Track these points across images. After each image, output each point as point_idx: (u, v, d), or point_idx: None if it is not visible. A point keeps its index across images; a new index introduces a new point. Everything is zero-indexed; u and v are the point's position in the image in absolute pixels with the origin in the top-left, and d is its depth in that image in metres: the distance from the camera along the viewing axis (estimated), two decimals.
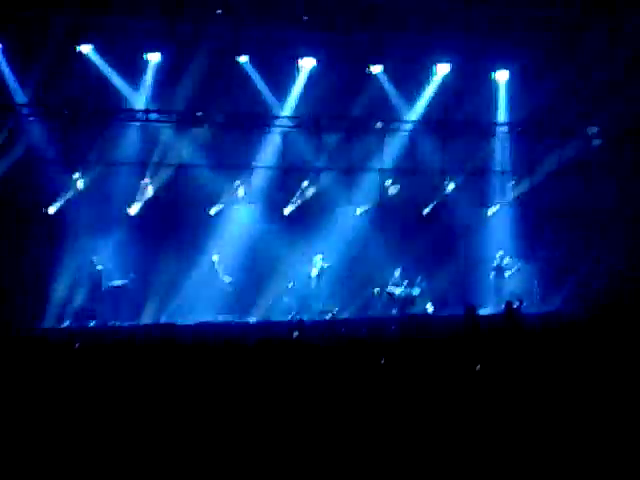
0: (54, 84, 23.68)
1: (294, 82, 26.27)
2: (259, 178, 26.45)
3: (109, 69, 24.56)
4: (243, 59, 25.65)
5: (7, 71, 23.71)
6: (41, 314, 23.26)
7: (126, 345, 16.96)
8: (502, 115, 28.26)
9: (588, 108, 27.39)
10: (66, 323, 23.47)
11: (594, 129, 28.04)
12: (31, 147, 24.14)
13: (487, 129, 28.31)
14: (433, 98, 27.18)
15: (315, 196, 26.68)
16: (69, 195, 24.48)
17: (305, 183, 26.68)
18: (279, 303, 25.56)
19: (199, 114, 25.53)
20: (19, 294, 22.82)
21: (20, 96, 24.08)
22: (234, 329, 20.83)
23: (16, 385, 12.61)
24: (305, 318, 22.08)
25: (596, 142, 28.13)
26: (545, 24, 25.87)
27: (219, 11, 24.59)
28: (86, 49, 24.38)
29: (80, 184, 24.52)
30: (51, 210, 24.34)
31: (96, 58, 24.48)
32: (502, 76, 27.83)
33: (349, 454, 8.66)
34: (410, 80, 26.76)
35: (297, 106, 26.42)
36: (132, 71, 24.75)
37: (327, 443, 8.97)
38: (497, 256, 27.21)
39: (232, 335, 18.75)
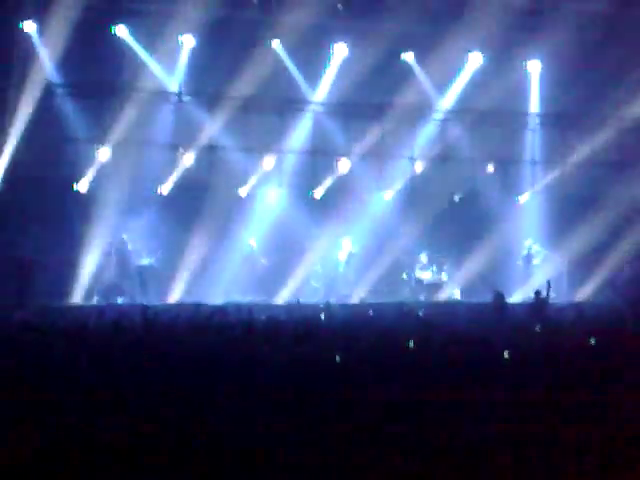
0: (89, 65, 23.78)
1: (326, 68, 26.33)
2: (290, 161, 26.56)
3: (144, 51, 24.70)
4: (276, 44, 25.72)
5: (43, 51, 23.83)
6: (71, 290, 23.48)
7: (153, 322, 17.19)
8: (534, 105, 28.23)
9: (620, 98, 27.32)
10: (95, 300, 23.69)
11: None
12: (65, 126, 24.34)
13: (518, 118, 28.29)
14: (465, 87, 27.17)
15: (345, 180, 26.77)
16: (100, 173, 24.66)
17: (336, 167, 26.75)
18: (307, 286, 25.67)
19: (231, 97, 25.60)
20: (49, 270, 22.99)
21: (55, 76, 24.24)
22: (262, 310, 20.95)
23: (46, 358, 12.83)
24: (332, 301, 22.21)
25: None
26: (578, 15, 25.81)
27: None
28: (121, 31, 24.52)
29: (110, 162, 24.68)
30: (82, 188, 24.53)
31: (131, 40, 24.62)
32: (534, 66, 27.78)
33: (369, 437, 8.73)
34: (442, 68, 26.70)
35: (329, 91, 26.51)
36: (166, 53, 24.85)
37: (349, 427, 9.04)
38: (526, 245, 27.24)
39: (260, 315, 18.92)
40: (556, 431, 8.64)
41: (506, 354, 13.21)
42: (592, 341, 14.56)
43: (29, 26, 23.60)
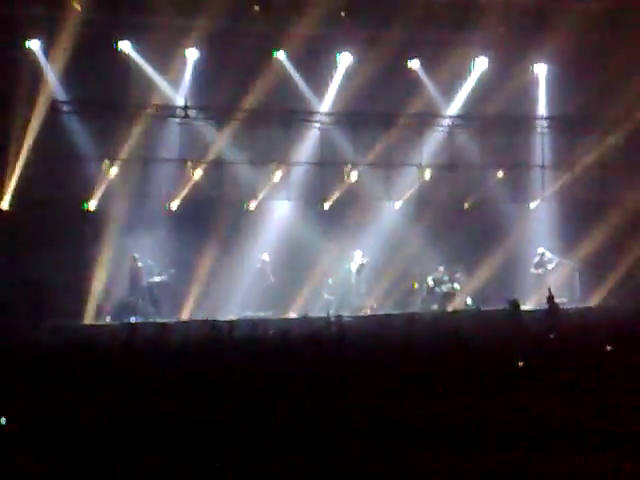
0: (94, 81, 23.75)
1: (331, 78, 26.27)
2: (297, 173, 26.48)
3: (148, 66, 24.68)
4: (281, 55, 25.66)
5: (48, 69, 23.83)
6: (82, 310, 23.41)
7: (166, 340, 17.17)
8: (542, 109, 28.11)
9: (628, 102, 27.19)
10: (107, 319, 23.61)
11: None
12: (72, 143, 24.30)
13: (527, 123, 28.17)
14: (472, 92, 27.07)
15: (353, 191, 26.67)
16: (109, 191, 24.61)
17: (344, 178, 26.67)
18: (318, 299, 25.57)
19: (237, 110, 25.56)
20: (62, 290, 22.95)
21: (61, 93, 24.23)
22: (273, 324, 20.88)
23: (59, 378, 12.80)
24: (344, 314, 22.10)
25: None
26: (585, 18, 25.70)
27: (257, 7, 24.68)
28: (125, 46, 24.51)
29: (119, 179, 24.64)
30: (91, 206, 24.50)
31: (135, 55, 24.61)
32: (541, 69, 27.66)
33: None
34: (448, 74, 26.62)
35: (334, 101, 26.45)
36: (171, 68, 24.82)
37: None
38: (538, 252, 27.08)
39: (271, 330, 18.87)
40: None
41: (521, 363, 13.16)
42: (608, 347, 14.46)
43: (34, 44, 23.61)
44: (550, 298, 19.84)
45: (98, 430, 9.33)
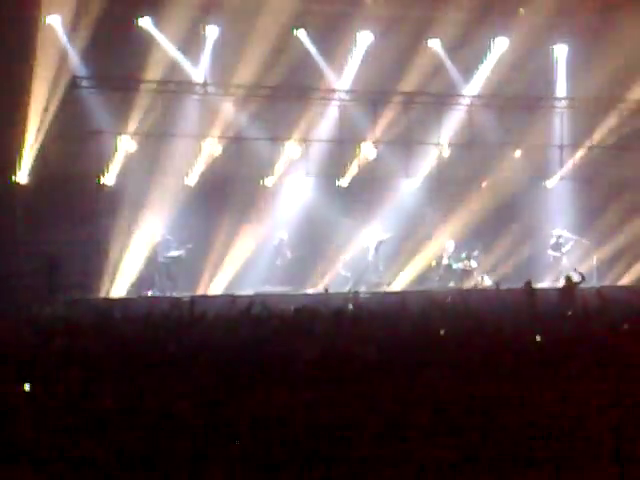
0: (113, 57, 23.79)
1: (351, 56, 26.22)
2: (316, 150, 26.48)
3: (168, 42, 24.67)
4: (301, 33, 25.63)
5: (67, 45, 23.86)
6: (99, 284, 23.51)
7: (183, 314, 17.21)
8: (561, 89, 28.01)
9: None
10: (123, 293, 23.70)
11: None
12: (90, 119, 24.34)
13: (545, 103, 28.09)
14: (491, 72, 26.98)
15: (372, 168, 26.65)
16: (126, 167, 24.67)
17: (362, 156, 26.66)
18: (336, 275, 25.60)
19: (256, 87, 25.55)
20: (78, 264, 23.05)
21: (80, 69, 24.28)
22: (291, 300, 20.92)
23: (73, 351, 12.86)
24: (361, 290, 22.12)
25: None
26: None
27: None
28: (145, 22, 24.51)
29: (137, 155, 24.70)
30: (109, 181, 24.56)
31: (155, 31, 24.61)
32: (561, 51, 27.56)
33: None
34: (468, 54, 26.54)
35: (354, 80, 26.41)
36: (191, 44, 24.82)
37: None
38: (554, 233, 27.03)
39: (289, 305, 18.88)
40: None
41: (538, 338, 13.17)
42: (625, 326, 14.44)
43: (54, 20, 23.63)
44: (569, 277, 19.84)
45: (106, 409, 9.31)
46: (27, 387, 9.69)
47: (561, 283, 21.22)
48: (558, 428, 8.40)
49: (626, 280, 26.75)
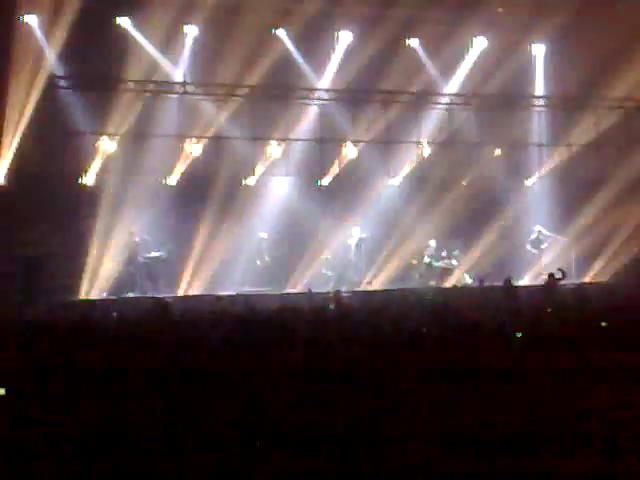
0: (92, 57, 23.70)
1: (331, 55, 26.24)
2: (296, 150, 26.47)
3: (147, 42, 24.59)
4: (281, 32, 25.62)
5: (45, 44, 23.72)
6: (79, 285, 23.40)
7: (164, 315, 17.14)
8: (539, 88, 28.16)
9: (625, 81, 27.24)
10: (103, 294, 23.60)
11: None
12: (69, 119, 24.22)
13: (525, 101, 28.23)
14: (470, 71, 27.11)
15: (352, 167, 26.69)
16: (106, 167, 24.56)
17: (342, 155, 26.68)
18: (317, 274, 25.60)
19: (236, 87, 25.52)
20: (57, 265, 22.93)
21: (58, 68, 24.16)
22: (272, 300, 20.91)
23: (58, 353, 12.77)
24: (343, 289, 22.13)
25: None
26: None
27: None
28: (124, 22, 24.42)
29: (116, 155, 24.60)
30: (88, 182, 24.45)
31: (134, 31, 24.52)
32: (539, 49, 27.71)
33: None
34: (447, 53, 26.63)
35: (334, 79, 26.47)
36: (170, 44, 24.75)
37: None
38: (535, 229, 27.17)
39: (270, 305, 18.86)
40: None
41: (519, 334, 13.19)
42: (603, 323, 14.48)
43: (31, 19, 23.49)
44: (551, 274, 19.92)
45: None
46: (1, 391, 9.52)
47: (542, 280, 21.32)
48: (537, 427, 8.40)
49: (604, 276, 26.90)
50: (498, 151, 27.87)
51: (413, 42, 26.68)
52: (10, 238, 23.07)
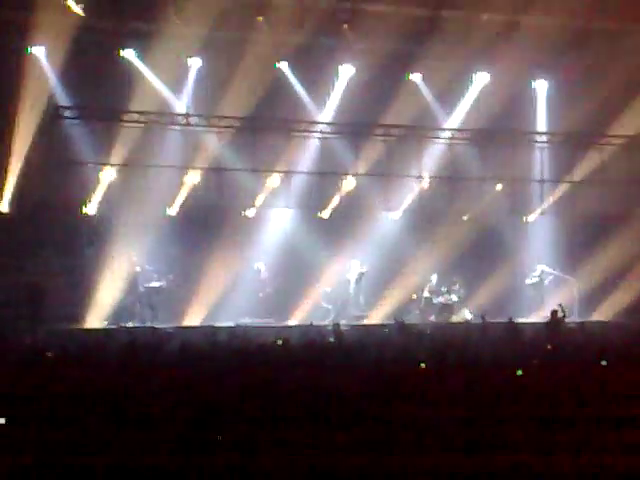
0: (96, 88, 23.89)
1: (333, 89, 26.42)
2: (297, 182, 26.58)
3: (150, 73, 24.79)
4: (283, 65, 25.82)
5: (50, 74, 23.92)
6: (80, 314, 23.41)
7: (165, 346, 17.19)
8: (541, 124, 28.30)
9: (627, 118, 27.42)
10: (104, 323, 23.63)
11: None
12: (72, 149, 24.39)
13: (526, 137, 28.37)
14: (472, 107, 27.24)
15: (352, 200, 26.77)
16: (108, 196, 24.67)
17: (343, 188, 26.77)
18: (317, 307, 25.62)
19: (239, 119, 25.67)
20: (60, 294, 22.96)
21: (62, 99, 24.34)
22: (272, 332, 20.92)
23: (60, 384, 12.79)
24: (342, 322, 22.14)
25: None
26: (585, 35, 25.94)
27: (260, 18, 24.80)
28: (128, 54, 24.64)
29: (118, 185, 24.73)
30: (90, 211, 24.56)
31: (137, 62, 24.73)
32: (541, 86, 27.89)
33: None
34: (449, 88, 26.80)
35: (335, 112, 26.61)
36: (173, 75, 24.95)
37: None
38: (537, 267, 27.15)
39: (270, 338, 18.88)
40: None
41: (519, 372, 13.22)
42: (603, 362, 14.51)
43: (37, 50, 23.72)
44: (554, 312, 19.98)
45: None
46: (1, 420, 9.52)
47: (545, 318, 21.32)
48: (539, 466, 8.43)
49: (607, 315, 26.80)
50: (499, 186, 27.94)
51: (415, 76, 26.86)
52: (12, 265, 23.15)
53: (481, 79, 27.20)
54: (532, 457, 8.43)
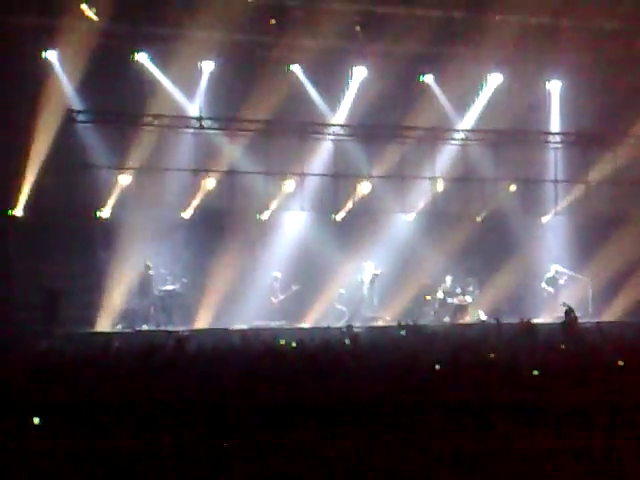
0: (110, 92, 23.96)
1: (346, 91, 26.42)
2: (311, 185, 26.61)
3: (164, 77, 24.86)
4: (296, 68, 25.85)
5: (64, 79, 24.03)
6: (95, 317, 23.49)
7: (179, 349, 17.15)
8: (555, 125, 28.23)
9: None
10: (118, 327, 23.68)
11: None
12: (86, 153, 24.48)
13: (540, 138, 28.30)
14: (486, 108, 27.19)
15: (366, 203, 26.77)
16: (122, 200, 24.75)
17: (357, 190, 26.78)
18: (331, 309, 25.62)
19: (251, 121, 25.71)
20: (75, 298, 23.02)
21: (76, 103, 24.43)
22: (286, 335, 20.89)
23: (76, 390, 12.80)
24: (356, 325, 22.12)
25: None
26: (600, 35, 25.86)
27: (273, 21, 24.83)
28: (141, 57, 24.71)
29: (132, 188, 24.80)
30: (105, 215, 24.63)
31: (151, 66, 24.80)
32: (555, 85, 27.82)
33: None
34: (462, 89, 26.77)
35: (349, 114, 26.60)
36: (186, 79, 25.00)
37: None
38: (551, 268, 27.10)
39: (284, 340, 18.85)
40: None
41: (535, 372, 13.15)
42: (620, 362, 14.43)
43: (51, 55, 23.83)
44: (568, 311, 19.88)
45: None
46: (36, 420, 9.56)
47: (558, 317, 21.23)
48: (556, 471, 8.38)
49: (621, 314, 26.74)
50: (513, 187, 27.89)
51: (428, 78, 26.86)
52: (27, 269, 23.25)
53: (495, 80, 27.14)
54: (546, 463, 8.42)
